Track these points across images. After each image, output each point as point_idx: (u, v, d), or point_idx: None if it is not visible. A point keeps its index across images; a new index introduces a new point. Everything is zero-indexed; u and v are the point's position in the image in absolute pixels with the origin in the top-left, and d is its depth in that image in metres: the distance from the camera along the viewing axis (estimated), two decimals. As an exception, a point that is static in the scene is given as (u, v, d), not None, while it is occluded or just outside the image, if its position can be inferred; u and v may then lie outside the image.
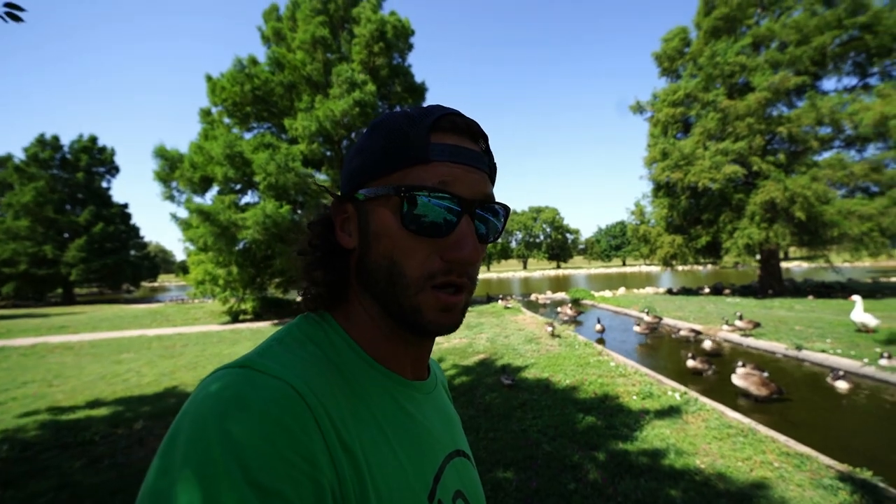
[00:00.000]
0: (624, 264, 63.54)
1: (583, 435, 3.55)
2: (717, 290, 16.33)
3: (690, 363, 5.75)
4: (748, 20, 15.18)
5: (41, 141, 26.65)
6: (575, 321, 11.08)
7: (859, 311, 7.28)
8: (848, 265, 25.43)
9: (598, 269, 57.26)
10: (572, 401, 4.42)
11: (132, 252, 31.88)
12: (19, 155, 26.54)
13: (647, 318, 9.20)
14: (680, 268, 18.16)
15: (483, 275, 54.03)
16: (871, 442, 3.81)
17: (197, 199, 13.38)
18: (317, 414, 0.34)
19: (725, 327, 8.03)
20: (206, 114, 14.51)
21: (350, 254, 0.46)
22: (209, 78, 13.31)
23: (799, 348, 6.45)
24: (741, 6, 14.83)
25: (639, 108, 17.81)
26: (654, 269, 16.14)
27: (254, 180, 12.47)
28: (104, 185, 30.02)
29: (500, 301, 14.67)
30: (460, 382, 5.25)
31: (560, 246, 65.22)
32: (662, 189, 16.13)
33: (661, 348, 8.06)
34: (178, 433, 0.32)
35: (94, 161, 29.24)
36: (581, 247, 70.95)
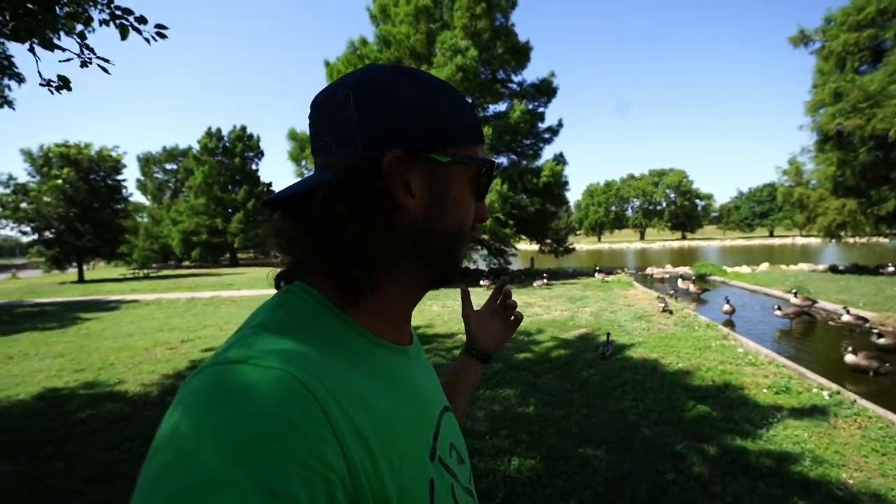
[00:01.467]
0: (771, 235, 53.27)
1: (691, 424, 3.22)
2: (907, 269, 12.69)
3: (850, 358, 4.67)
4: None
5: (209, 133, 32.68)
6: (698, 299, 9.82)
7: None
8: None
9: (735, 240, 49.05)
10: (683, 386, 4.01)
11: (277, 223, 37.72)
12: (196, 147, 33.11)
13: (795, 300, 7.66)
14: (851, 240, 14.49)
15: (593, 245, 50.76)
16: None
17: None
18: (325, 405, 0.32)
19: (914, 317, 6.27)
20: (325, 97, 16.02)
21: (394, 215, 0.42)
22: (327, 63, 14.55)
23: None
24: None
25: (802, 39, 14.15)
26: (813, 241, 13.00)
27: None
28: (253, 167, 35.71)
29: (596, 274, 13.33)
30: (557, 355, 5.15)
31: (686, 214, 57.32)
32: (831, 140, 12.82)
33: (811, 338, 6.70)
34: (172, 440, 0.29)
35: (246, 147, 34.85)
36: (714, 214, 61.35)
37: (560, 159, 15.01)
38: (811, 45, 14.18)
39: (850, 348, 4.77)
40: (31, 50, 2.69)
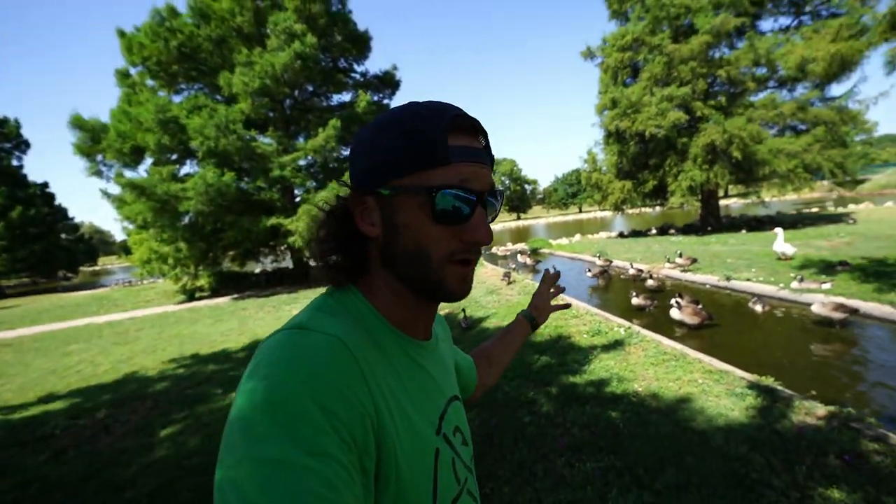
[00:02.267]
0: (580, 211, 65.83)
1: (538, 374, 3.88)
2: (663, 231, 17.45)
3: (634, 301, 6.27)
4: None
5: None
6: (534, 269, 11.59)
7: (780, 242, 8.11)
8: (779, 199, 27.75)
9: (556, 217, 59.04)
10: (529, 344, 4.76)
11: (63, 235, 29.22)
12: None
13: (599, 262, 9.79)
14: (631, 211, 19.13)
15: (446, 232, 54.04)
16: (776, 353, 4.43)
17: (129, 173, 12.29)
18: (360, 363, 0.44)
19: (667, 265, 8.72)
20: (123, 76, 12.97)
21: (369, 240, 0.53)
22: (122, 33, 11.79)
23: (728, 279, 7.17)
24: (685, -57, 14.70)
25: (589, 54, 17.73)
26: (608, 214, 17.12)
27: (191, 147, 11.57)
28: (14, 163, 26.70)
29: None
30: (426, 338, 5.47)
31: (519, 197, 66.17)
32: (613, 136, 16.55)
33: (611, 289, 8.68)
34: (256, 373, 0.40)
35: (-2, 135, 25.76)
36: (539, 196, 72.40)
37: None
38: (596, 60, 17.89)
39: (634, 293, 6.39)
40: None
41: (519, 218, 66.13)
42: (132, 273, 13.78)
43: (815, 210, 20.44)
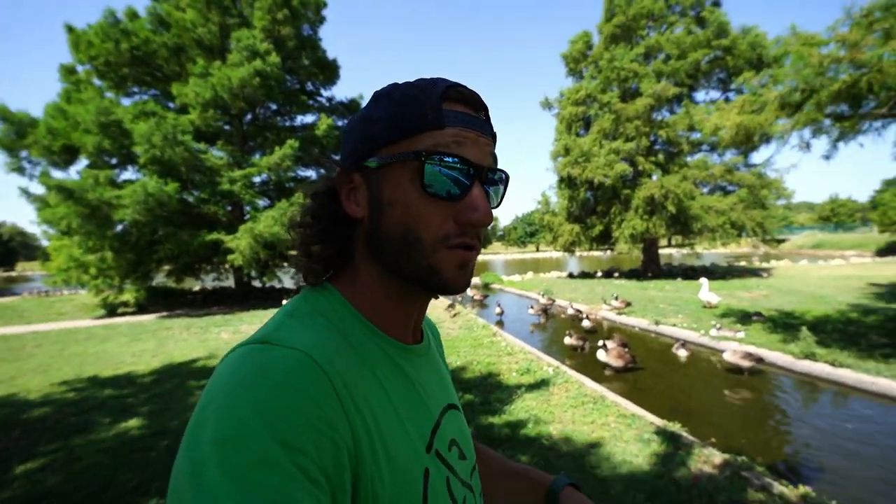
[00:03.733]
0: (538, 250, 68.09)
1: (458, 412, 3.78)
2: (608, 274, 18.31)
3: (567, 340, 6.40)
4: (641, 31, 16.88)
5: None
6: (481, 304, 11.65)
7: (705, 291, 8.70)
8: (714, 251, 30.16)
9: (514, 254, 60.59)
10: (458, 381, 4.67)
11: (-25, 234, 26.12)
12: None
13: (542, 300, 10.01)
14: (585, 253, 19.97)
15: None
16: (690, 399, 4.62)
17: (57, 173, 11.35)
18: (333, 380, 0.37)
19: (604, 306, 9.06)
20: (68, 72, 12.22)
21: (356, 223, 0.47)
22: (70, 29, 11.21)
23: (657, 323, 7.54)
24: (635, 17, 16.42)
25: (548, 104, 18.94)
26: (562, 254, 17.74)
27: (134, 153, 10.91)
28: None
29: None
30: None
31: (481, 232, 67.58)
32: (565, 181, 17.47)
33: (551, 328, 8.85)
34: (209, 403, 0.34)
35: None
36: (500, 233, 74.32)
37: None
38: (553, 110, 19.12)
39: (568, 333, 6.53)
40: None
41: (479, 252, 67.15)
42: (46, 281, 12.46)
43: (742, 263, 22.32)
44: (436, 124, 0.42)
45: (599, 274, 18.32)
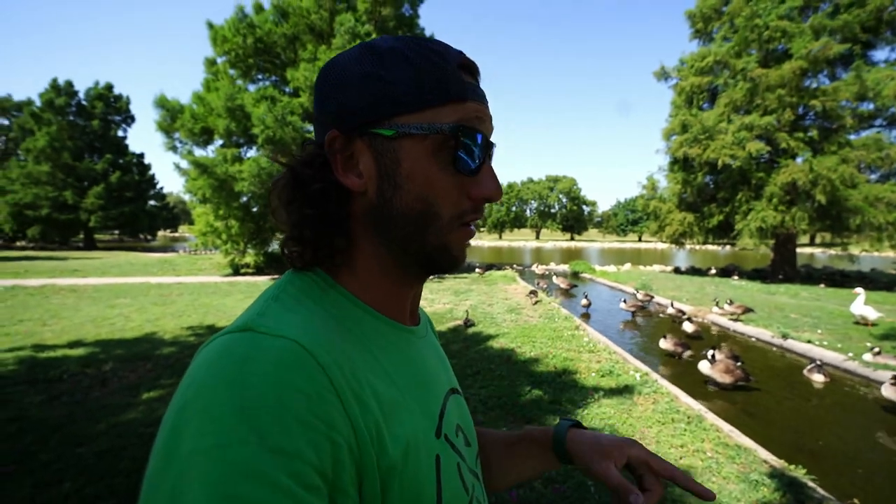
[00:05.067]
0: (640, 240, 62.14)
1: (522, 408, 3.51)
2: (726, 272, 15.83)
3: (663, 344, 5.60)
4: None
5: (55, 87, 26.75)
6: (567, 293, 10.94)
7: (860, 303, 6.91)
8: (877, 255, 24.29)
9: (612, 243, 56.21)
10: (528, 373, 4.37)
11: (151, 202, 32.68)
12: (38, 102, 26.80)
13: (638, 296, 8.99)
14: (698, 247, 17.57)
15: (494, 242, 53.73)
16: (823, 437, 3.67)
17: (199, 152, 13.37)
18: (329, 371, 0.33)
19: (715, 309, 7.78)
20: (211, 63, 14.18)
21: (350, 197, 0.43)
22: (211, 25, 12.90)
23: (785, 337, 6.20)
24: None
25: (663, 75, 16.63)
26: (669, 246, 15.58)
27: (254, 134, 12.34)
28: (120, 133, 30.34)
29: (476, 270, 14.50)
30: (426, 348, 5.26)
31: (575, 217, 63.97)
32: (679, 164, 15.31)
33: (645, 328, 7.91)
34: (186, 406, 0.30)
35: (110, 109, 29.40)
36: (597, 219, 69.45)
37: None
38: (670, 81, 16.74)
39: (665, 335, 5.71)
40: None
41: (572, 239, 63.86)
42: (189, 243, 14.97)
43: (921, 273, 17.50)
44: (459, 96, 0.40)
45: (713, 271, 15.93)
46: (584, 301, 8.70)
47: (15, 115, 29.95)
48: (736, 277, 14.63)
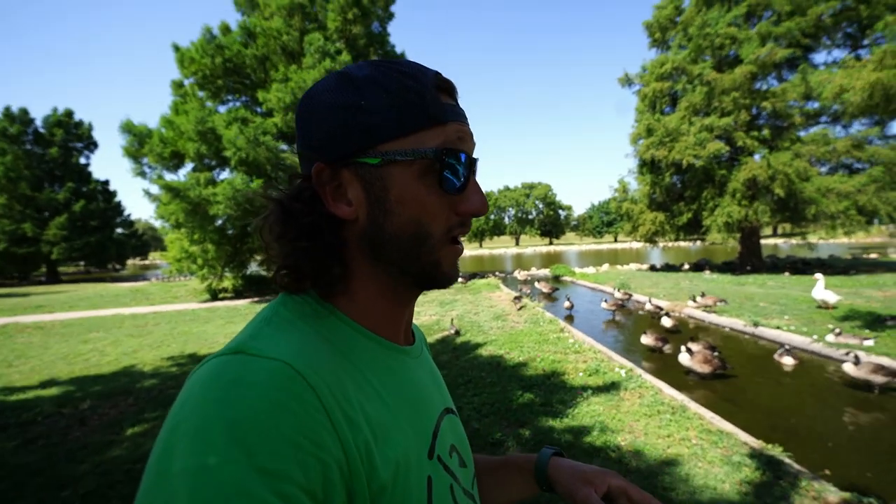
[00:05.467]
0: (615, 240, 63.82)
1: (515, 413, 3.59)
2: (698, 267, 16.47)
3: (644, 340, 5.81)
4: (742, -12, 14.64)
5: (8, 115, 25.63)
6: (549, 297, 11.16)
7: (820, 288, 7.35)
8: (833, 241, 25.70)
9: (589, 245, 57.50)
10: (518, 378, 4.46)
11: (118, 230, 31.48)
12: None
13: (617, 295, 9.27)
14: (670, 244, 18.22)
15: (475, 251, 54.08)
16: (795, 417, 3.90)
17: (169, 176, 13.06)
18: (319, 391, 0.34)
19: (691, 303, 8.11)
20: (178, 86, 13.95)
21: (342, 225, 0.43)
22: (177, 48, 12.74)
23: (756, 325, 6.53)
24: (735, -28, 14.29)
25: (627, 81, 17.38)
26: (644, 245, 16.11)
27: (225, 156, 12.18)
28: (82, 160, 29.25)
29: (459, 280, 14.68)
30: (415, 360, 5.28)
31: (552, 222, 65.20)
32: (647, 166, 15.96)
33: (626, 325, 8.15)
34: (178, 426, 0.31)
35: (71, 136, 28.37)
36: (574, 223, 70.98)
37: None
38: (633, 87, 17.51)
39: (645, 332, 5.93)
40: None
41: (551, 243, 64.99)
42: (162, 269, 14.49)
43: (873, 256, 18.68)
44: (439, 119, 0.41)
45: (686, 267, 16.56)
46: (566, 304, 8.91)
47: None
48: (708, 272, 15.24)
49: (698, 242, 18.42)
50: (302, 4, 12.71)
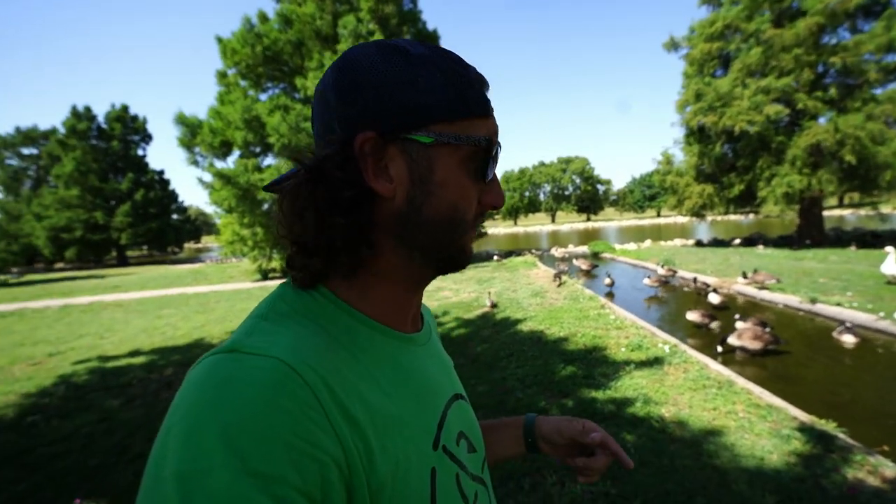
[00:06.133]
0: (659, 215, 60.90)
1: (558, 384, 3.72)
2: (750, 242, 15.55)
3: (690, 316, 5.70)
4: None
5: (75, 113, 27.88)
6: (589, 274, 11.02)
7: (891, 263, 6.81)
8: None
9: (630, 220, 55.28)
10: (559, 352, 4.57)
11: (174, 216, 33.88)
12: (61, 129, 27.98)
13: (661, 271, 9.02)
14: (719, 218, 17.26)
15: (510, 229, 53.56)
16: (856, 394, 3.76)
17: (220, 164, 13.86)
18: (315, 389, 0.33)
19: (741, 280, 7.77)
20: (222, 76, 14.59)
21: (376, 202, 0.41)
22: (220, 39, 13.26)
23: (813, 301, 6.20)
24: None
25: (673, 45, 16.23)
26: (690, 220, 15.32)
27: (269, 142, 12.72)
28: (140, 152, 31.42)
29: (494, 258, 14.58)
30: (458, 335, 5.50)
31: (590, 198, 63.01)
32: (694, 135, 15.02)
33: (671, 302, 7.97)
34: (171, 428, 0.31)
35: (128, 130, 30.48)
36: (613, 198, 68.28)
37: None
38: (680, 51, 16.34)
39: (691, 308, 5.80)
40: None
41: (589, 219, 63.05)
42: (220, 253, 15.51)
43: (959, 226, 16.79)
44: (486, 110, 0.43)
45: (737, 242, 15.67)
46: (606, 280, 8.79)
47: (42, 144, 31.40)
48: (761, 246, 14.37)
49: (751, 216, 17.31)
50: (335, -15, 12.78)
